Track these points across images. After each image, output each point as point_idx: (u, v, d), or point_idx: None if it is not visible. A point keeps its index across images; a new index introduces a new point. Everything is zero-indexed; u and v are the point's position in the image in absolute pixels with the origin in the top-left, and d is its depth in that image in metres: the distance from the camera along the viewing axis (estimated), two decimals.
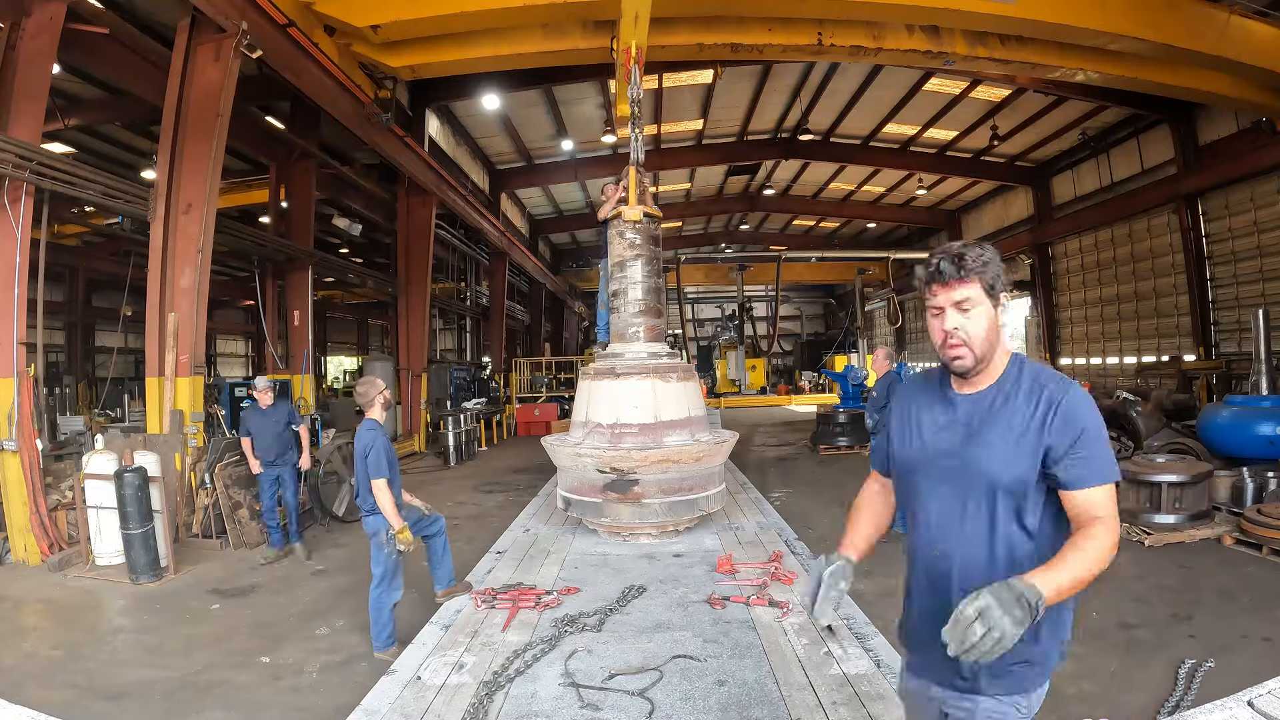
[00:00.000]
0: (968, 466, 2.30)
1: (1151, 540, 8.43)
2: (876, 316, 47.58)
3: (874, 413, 9.70)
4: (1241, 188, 18.98)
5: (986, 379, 2.39)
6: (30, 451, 8.79)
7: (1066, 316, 27.77)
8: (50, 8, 8.99)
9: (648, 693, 4.75)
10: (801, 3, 12.68)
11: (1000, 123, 23.72)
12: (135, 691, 5.43)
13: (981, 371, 2.38)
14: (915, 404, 2.55)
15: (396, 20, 12.31)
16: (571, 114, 23.30)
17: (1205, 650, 5.55)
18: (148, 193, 10.29)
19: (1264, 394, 11.22)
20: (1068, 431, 2.19)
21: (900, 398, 2.65)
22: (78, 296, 25.38)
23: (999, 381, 2.38)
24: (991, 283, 2.37)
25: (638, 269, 9.50)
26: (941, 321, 2.34)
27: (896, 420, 2.59)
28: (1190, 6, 13.72)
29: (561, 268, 42.70)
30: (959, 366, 2.35)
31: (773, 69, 21.17)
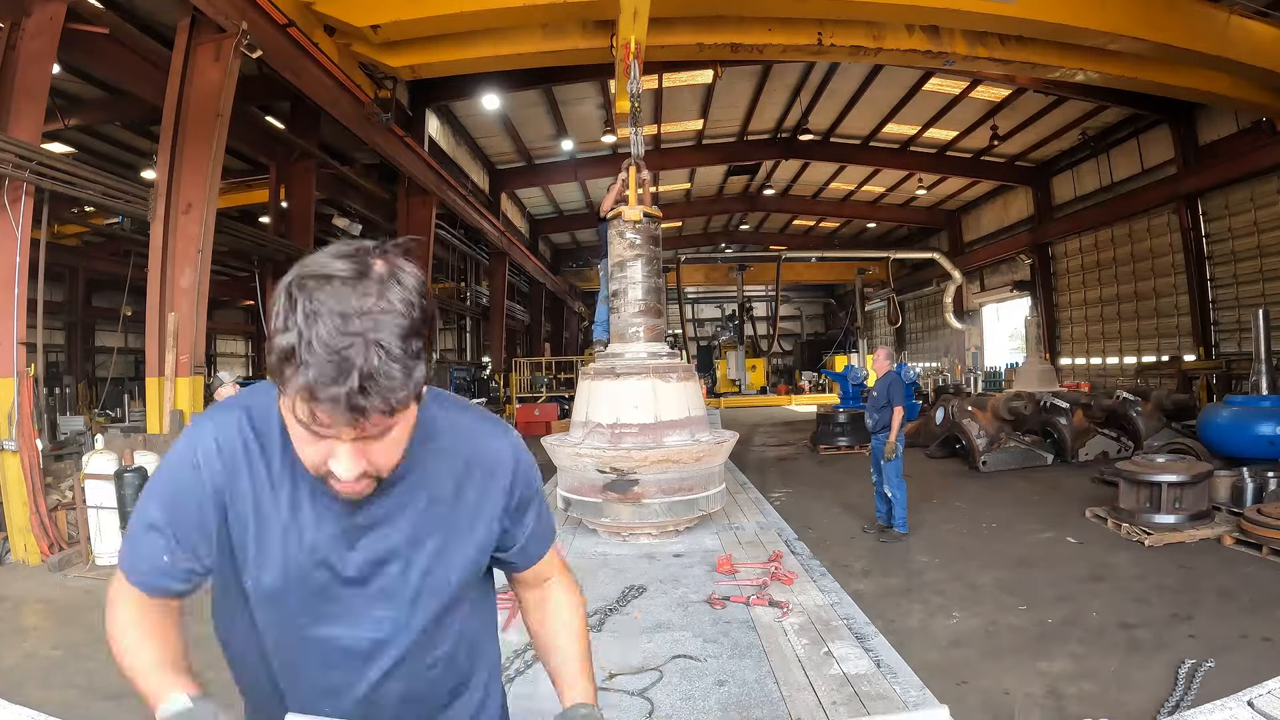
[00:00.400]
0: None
1: (1151, 540, 8.42)
2: (876, 316, 47.60)
3: (874, 413, 9.61)
4: (1241, 188, 18.99)
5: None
6: (30, 451, 8.78)
7: (1066, 316, 27.78)
8: (50, 8, 8.98)
9: (648, 693, 4.75)
10: (802, 2, 12.69)
11: (1000, 123, 23.72)
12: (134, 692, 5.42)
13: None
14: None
15: (396, 20, 12.31)
16: (571, 114, 23.30)
17: (1205, 650, 5.55)
18: (148, 193, 10.28)
19: (1264, 394, 11.24)
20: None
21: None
22: (78, 296, 25.35)
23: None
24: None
25: (638, 268, 9.50)
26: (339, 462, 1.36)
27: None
28: (1190, 6, 13.73)
29: (561, 268, 42.70)
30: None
31: (773, 69, 21.17)
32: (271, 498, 1.50)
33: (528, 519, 1.71)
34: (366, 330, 1.23)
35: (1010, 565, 7.89)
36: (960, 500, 11.57)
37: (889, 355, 9.99)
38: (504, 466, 1.65)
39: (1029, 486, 12.29)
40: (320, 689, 1.59)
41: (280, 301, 1.31)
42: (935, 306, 38.60)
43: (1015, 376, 23.06)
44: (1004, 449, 14.04)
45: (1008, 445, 14.10)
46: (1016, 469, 13.49)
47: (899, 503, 9.27)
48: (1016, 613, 6.54)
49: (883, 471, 9.33)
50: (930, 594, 7.17)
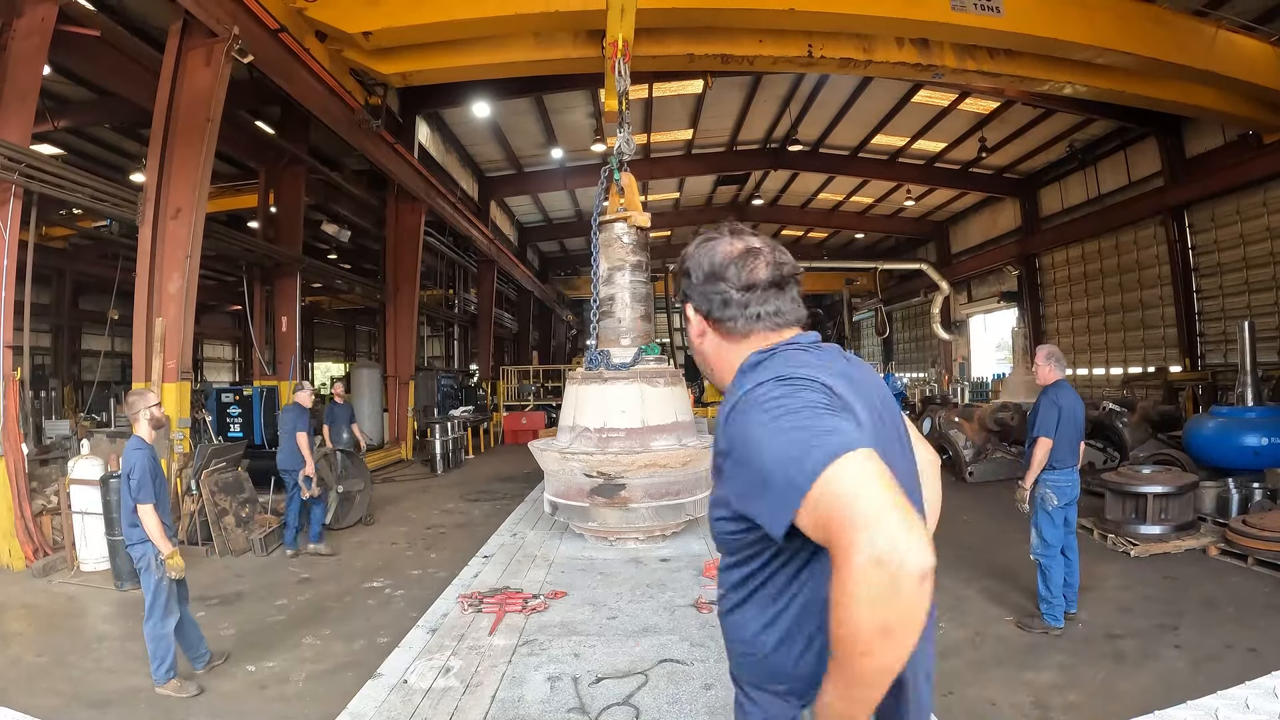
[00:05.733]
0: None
1: (1137, 551, 8.46)
2: (864, 327, 47.72)
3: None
4: (1228, 200, 19.14)
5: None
6: (15, 456, 8.73)
7: (1054, 328, 27.90)
8: (41, 9, 8.96)
9: (634, 697, 4.74)
10: (792, 15, 12.73)
11: (989, 134, 23.85)
12: (120, 699, 5.39)
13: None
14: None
15: (388, 27, 12.33)
16: (562, 122, 23.35)
17: (1190, 660, 5.58)
18: (136, 197, 10.26)
19: (1249, 405, 11.30)
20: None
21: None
22: (65, 299, 25.20)
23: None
24: (687, 294, 1.92)
25: (626, 275, 9.53)
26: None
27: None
28: (1178, 21, 13.86)
29: (550, 276, 42.72)
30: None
31: (763, 79, 21.23)
32: None
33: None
34: None
35: (997, 576, 7.91)
36: (946, 511, 11.58)
37: (1051, 357, 6.74)
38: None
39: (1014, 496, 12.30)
40: None
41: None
42: (922, 317, 38.74)
43: (1002, 387, 23.16)
44: (991, 459, 14.09)
45: (994, 456, 14.15)
46: (1003, 480, 13.53)
47: (1041, 577, 6.48)
48: (1003, 623, 6.56)
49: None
50: None
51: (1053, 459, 6.34)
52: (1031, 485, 6.49)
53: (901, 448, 1.88)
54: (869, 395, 1.76)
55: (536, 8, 12.22)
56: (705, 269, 1.92)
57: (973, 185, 29.07)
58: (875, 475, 1.42)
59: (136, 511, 5.40)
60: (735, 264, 1.88)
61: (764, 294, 1.87)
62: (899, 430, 1.90)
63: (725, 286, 1.87)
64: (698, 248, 1.97)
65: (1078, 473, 6.59)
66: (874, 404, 1.77)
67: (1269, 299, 18.09)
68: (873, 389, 1.82)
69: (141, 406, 5.79)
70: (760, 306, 1.86)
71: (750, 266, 1.87)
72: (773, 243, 1.96)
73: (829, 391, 1.61)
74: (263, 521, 10.22)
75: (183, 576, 5.56)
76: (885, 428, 1.79)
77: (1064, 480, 6.40)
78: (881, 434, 1.73)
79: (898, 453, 1.81)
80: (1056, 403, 6.43)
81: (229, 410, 14.53)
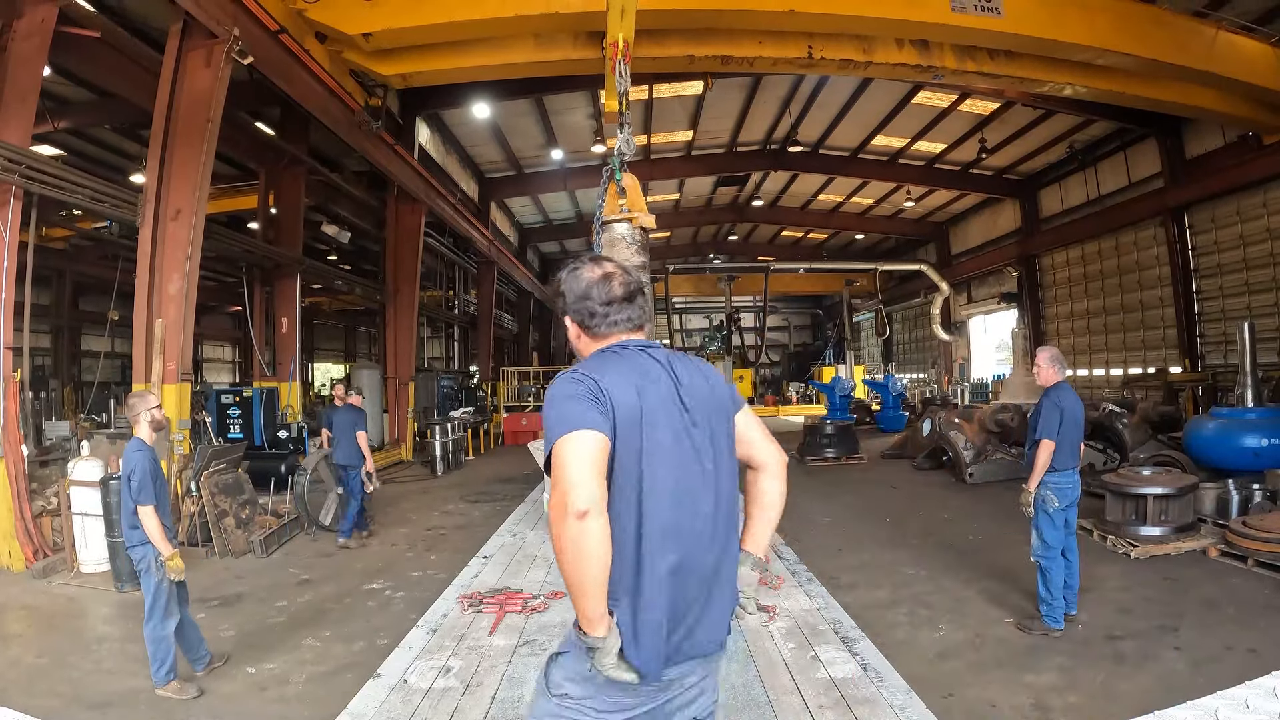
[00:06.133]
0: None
1: (1137, 552, 8.46)
2: (864, 328, 47.73)
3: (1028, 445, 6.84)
4: (1228, 201, 19.15)
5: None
6: (16, 457, 8.73)
7: (1054, 329, 27.90)
8: (42, 10, 8.96)
9: None
10: (792, 17, 12.72)
11: (989, 135, 23.86)
12: (120, 701, 5.39)
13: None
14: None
15: (388, 28, 12.33)
16: (562, 123, 23.36)
17: (1191, 662, 5.58)
18: (136, 198, 10.26)
19: (1249, 406, 11.29)
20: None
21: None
22: (65, 300, 25.19)
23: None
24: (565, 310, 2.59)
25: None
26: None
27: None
28: (1178, 22, 13.86)
29: (550, 277, 42.62)
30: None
31: (763, 80, 21.25)
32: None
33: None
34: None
35: (997, 577, 7.90)
36: (947, 512, 11.61)
37: (1053, 359, 6.71)
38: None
39: (1015, 498, 12.26)
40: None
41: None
42: (922, 318, 38.76)
43: (1002, 388, 23.19)
44: (991, 461, 14.09)
45: (994, 457, 14.15)
46: (1003, 480, 13.52)
47: (1041, 579, 6.42)
48: (1003, 625, 6.55)
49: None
50: (917, 606, 7.18)
51: (1054, 461, 6.31)
52: (1034, 488, 6.46)
53: (708, 436, 2.42)
54: (662, 391, 2.35)
55: (537, 9, 12.22)
56: (576, 291, 2.54)
57: (973, 186, 29.09)
58: (579, 450, 2.12)
59: (137, 513, 5.39)
60: (597, 285, 2.51)
61: (619, 306, 2.50)
62: (710, 421, 2.45)
63: (591, 302, 2.50)
64: (569, 274, 2.58)
65: (1078, 474, 6.58)
66: (668, 398, 2.35)
67: (1269, 300, 18.10)
68: (668, 387, 2.38)
69: (142, 409, 5.75)
70: (617, 315, 2.51)
71: (608, 286, 2.50)
72: (623, 265, 2.61)
73: (596, 387, 2.23)
74: (263, 523, 10.21)
75: (183, 578, 5.54)
76: (675, 416, 2.35)
77: (1065, 482, 6.38)
78: (656, 423, 2.29)
79: (694, 438, 2.37)
80: (1058, 405, 6.37)
81: (229, 411, 14.54)
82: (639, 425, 2.25)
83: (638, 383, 2.31)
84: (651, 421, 2.28)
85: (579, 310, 2.52)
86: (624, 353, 2.44)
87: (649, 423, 2.27)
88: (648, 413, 2.28)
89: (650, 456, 2.25)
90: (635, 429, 2.24)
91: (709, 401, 2.46)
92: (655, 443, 2.26)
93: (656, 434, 2.28)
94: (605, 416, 2.19)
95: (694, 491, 2.33)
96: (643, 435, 2.24)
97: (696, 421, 2.40)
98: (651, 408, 2.29)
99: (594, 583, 2.10)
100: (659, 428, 2.29)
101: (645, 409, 2.28)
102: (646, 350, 2.48)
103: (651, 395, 2.31)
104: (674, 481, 2.28)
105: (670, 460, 2.29)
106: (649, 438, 2.25)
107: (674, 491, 2.28)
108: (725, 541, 2.41)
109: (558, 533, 2.08)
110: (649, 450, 2.25)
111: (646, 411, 2.28)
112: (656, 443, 2.27)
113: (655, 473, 2.25)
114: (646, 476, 2.24)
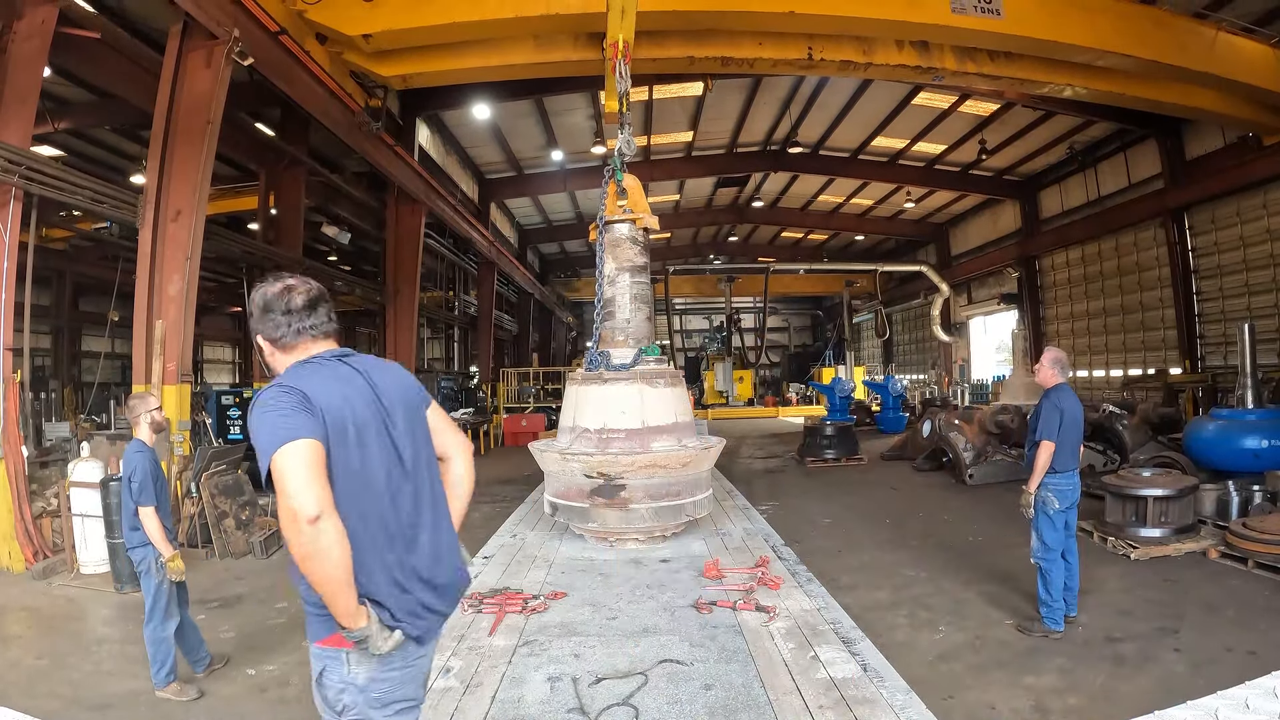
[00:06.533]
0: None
1: (1137, 554, 8.45)
2: (864, 328, 47.74)
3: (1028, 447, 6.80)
4: (1228, 202, 19.17)
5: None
6: (15, 458, 8.72)
7: (1054, 329, 27.93)
8: (42, 11, 8.96)
9: (634, 697, 4.75)
10: (792, 18, 12.74)
11: (989, 136, 23.89)
12: (120, 702, 5.38)
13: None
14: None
15: (388, 29, 12.34)
16: (562, 124, 23.38)
17: (1191, 663, 5.57)
18: (136, 199, 10.26)
19: (1249, 407, 11.28)
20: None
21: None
22: (65, 300, 25.19)
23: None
24: (254, 328, 2.74)
25: (629, 276, 9.55)
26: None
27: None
28: (1178, 23, 13.88)
29: (550, 278, 42.75)
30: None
31: (763, 81, 21.28)
32: None
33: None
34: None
35: (997, 578, 7.90)
36: (947, 513, 11.60)
37: (1055, 361, 6.74)
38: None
39: (1015, 499, 12.24)
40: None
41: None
42: (922, 319, 38.78)
43: (1002, 389, 23.16)
44: (991, 462, 14.08)
45: (994, 458, 14.14)
46: (1003, 482, 13.51)
47: (1041, 581, 6.39)
48: (1003, 627, 6.55)
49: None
50: (917, 607, 7.17)
51: (1054, 462, 6.31)
52: (1034, 489, 6.45)
53: (406, 431, 2.70)
54: (346, 395, 2.55)
55: (537, 10, 12.23)
56: (260, 306, 2.69)
57: (973, 187, 29.12)
58: (298, 459, 2.29)
59: (137, 514, 5.39)
60: (278, 298, 2.67)
61: (300, 315, 2.67)
62: (406, 418, 2.72)
63: (274, 315, 2.66)
64: (254, 293, 2.72)
65: (1078, 476, 6.58)
66: (355, 402, 2.56)
67: (1269, 301, 18.12)
68: (367, 391, 2.63)
69: (142, 410, 5.77)
70: (300, 324, 2.67)
71: (288, 298, 2.67)
72: (303, 278, 2.78)
73: (299, 394, 2.41)
74: (263, 524, 10.20)
75: (183, 579, 5.54)
76: (376, 417, 2.60)
77: (1065, 483, 6.38)
78: (363, 424, 2.55)
79: (394, 434, 2.65)
80: (1059, 406, 6.37)
81: (229, 413, 14.52)
82: (347, 428, 2.49)
83: (340, 389, 2.55)
84: (357, 424, 2.54)
85: (265, 324, 2.68)
86: (323, 363, 2.64)
87: (356, 425, 2.53)
88: (353, 416, 2.53)
89: (361, 455, 2.52)
90: (344, 432, 2.47)
91: (404, 401, 2.74)
92: (364, 443, 2.53)
93: (364, 434, 2.54)
94: (317, 423, 2.40)
95: (400, 482, 2.63)
96: (351, 437, 2.49)
97: (395, 420, 2.67)
98: (356, 411, 2.55)
99: (342, 580, 2.33)
100: (365, 429, 2.56)
101: (351, 413, 2.52)
102: (343, 359, 2.69)
103: (355, 400, 2.57)
104: (384, 475, 2.58)
105: (378, 457, 2.57)
106: (357, 439, 2.51)
107: (385, 484, 2.57)
108: (434, 520, 2.74)
109: (294, 542, 2.27)
110: (359, 450, 2.51)
111: (352, 415, 2.52)
112: (365, 443, 2.54)
113: (368, 469, 2.53)
114: (360, 474, 2.51)
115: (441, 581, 2.70)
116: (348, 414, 2.51)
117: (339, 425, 2.46)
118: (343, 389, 2.55)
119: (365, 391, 2.62)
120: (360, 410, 2.56)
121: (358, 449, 2.51)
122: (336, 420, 2.46)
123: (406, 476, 2.66)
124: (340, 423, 2.47)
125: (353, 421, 2.52)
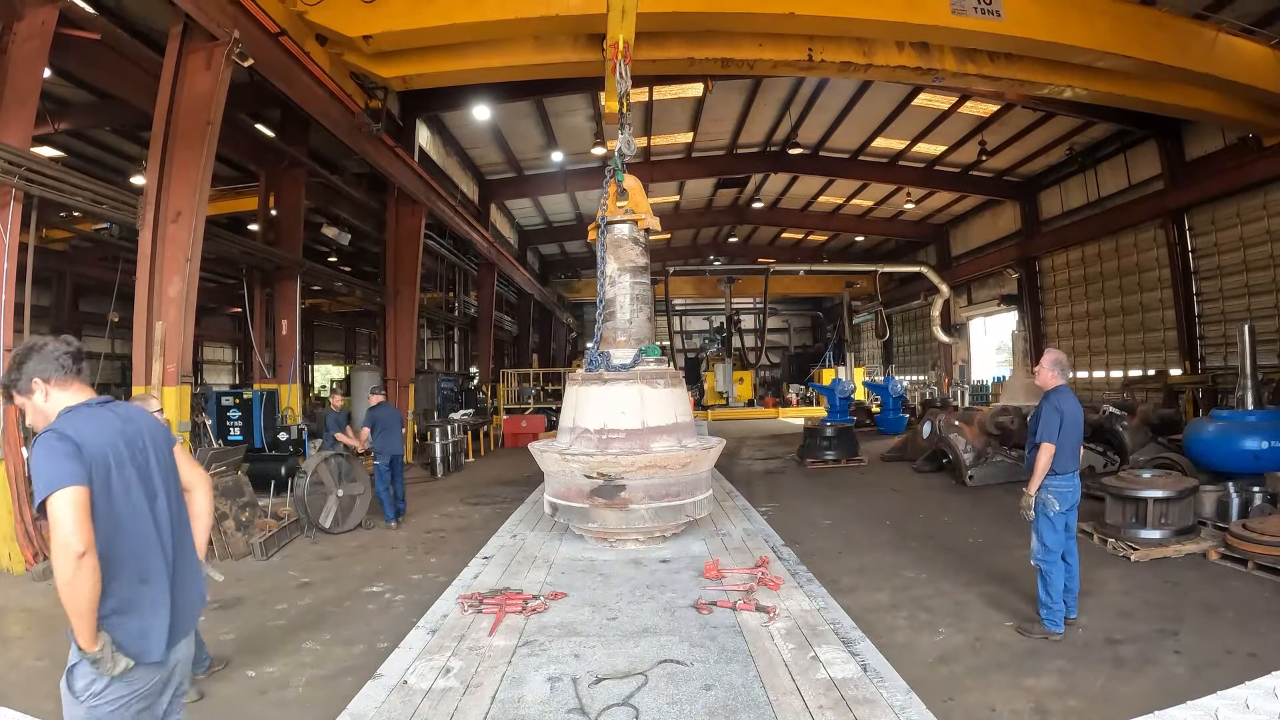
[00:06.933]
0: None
1: (1137, 555, 8.45)
2: (864, 329, 47.72)
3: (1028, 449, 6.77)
4: (1228, 203, 19.17)
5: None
6: (16, 460, 8.72)
7: (1054, 330, 27.93)
8: (42, 12, 8.96)
9: (634, 697, 4.75)
10: (792, 19, 12.74)
11: (989, 137, 23.90)
12: None
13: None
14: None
15: (389, 31, 12.35)
16: (562, 125, 23.39)
17: (1191, 665, 5.57)
18: (136, 200, 10.26)
19: (1249, 408, 11.28)
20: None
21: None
22: (65, 302, 25.17)
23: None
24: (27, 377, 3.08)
25: (630, 277, 9.55)
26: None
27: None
28: (1178, 24, 13.89)
29: (550, 279, 42.75)
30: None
31: (763, 83, 21.28)
32: None
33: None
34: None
35: (997, 580, 7.90)
36: (947, 515, 11.59)
37: (1055, 362, 6.71)
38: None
39: (1015, 501, 12.24)
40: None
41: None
42: (922, 320, 38.79)
43: (1002, 390, 23.16)
44: (991, 463, 14.07)
45: (994, 460, 14.14)
46: (1003, 483, 13.51)
47: (1041, 582, 6.38)
48: (1003, 628, 6.55)
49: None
50: (917, 609, 7.17)
51: (1054, 464, 6.30)
52: (1035, 491, 6.45)
53: (159, 468, 3.15)
54: (110, 439, 2.96)
55: (536, 11, 12.24)
56: (27, 361, 3.05)
57: (973, 188, 29.14)
58: (69, 503, 2.69)
59: None
60: (56, 344, 3.11)
61: (76, 357, 3.13)
62: (156, 456, 3.15)
63: (53, 356, 3.07)
64: (20, 348, 3.11)
65: (1079, 478, 6.57)
66: (118, 444, 2.98)
67: (1269, 302, 18.12)
68: (124, 433, 3.04)
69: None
70: (76, 365, 3.12)
71: (62, 346, 3.10)
72: (64, 338, 3.18)
73: (73, 443, 2.80)
74: (263, 526, 10.20)
75: None
76: (129, 457, 3.00)
77: (1065, 485, 6.37)
78: (123, 463, 2.97)
79: (150, 472, 3.09)
80: (1059, 408, 6.36)
81: (229, 414, 14.53)
82: (109, 469, 2.90)
83: (104, 435, 2.94)
84: (118, 464, 2.95)
85: (43, 364, 3.06)
86: (89, 410, 3.03)
87: (115, 465, 2.93)
88: (114, 457, 2.93)
89: (120, 494, 2.93)
90: (106, 473, 2.88)
91: (153, 440, 3.16)
92: (123, 482, 2.95)
93: (123, 473, 2.96)
94: (84, 468, 2.79)
95: (152, 516, 3.04)
96: (112, 477, 2.91)
97: (148, 459, 3.10)
98: (117, 453, 2.95)
99: (86, 611, 2.73)
100: (124, 468, 2.97)
101: (112, 455, 2.93)
102: (104, 405, 3.11)
103: (117, 442, 2.98)
104: (139, 509, 2.99)
105: (135, 494, 2.99)
106: (116, 478, 2.92)
107: (140, 517, 2.99)
108: (180, 547, 3.16)
109: (62, 572, 2.67)
110: (117, 489, 2.92)
111: (113, 457, 2.93)
112: (124, 482, 2.95)
113: (128, 505, 2.96)
114: (117, 511, 2.91)
115: (183, 602, 3.13)
116: (110, 455, 2.91)
117: (103, 467, 2.87)
118: (105, 434, 2.95)
119: (123, 434, 3.04)
120: (120, 451, 2.97)
121: (120, 485, 2.93)
122: (101, 463, 2.87)
123: (162, 508, 3.10)
124: (104, 464, 2.88)
125: (114, 461, 2.92)
